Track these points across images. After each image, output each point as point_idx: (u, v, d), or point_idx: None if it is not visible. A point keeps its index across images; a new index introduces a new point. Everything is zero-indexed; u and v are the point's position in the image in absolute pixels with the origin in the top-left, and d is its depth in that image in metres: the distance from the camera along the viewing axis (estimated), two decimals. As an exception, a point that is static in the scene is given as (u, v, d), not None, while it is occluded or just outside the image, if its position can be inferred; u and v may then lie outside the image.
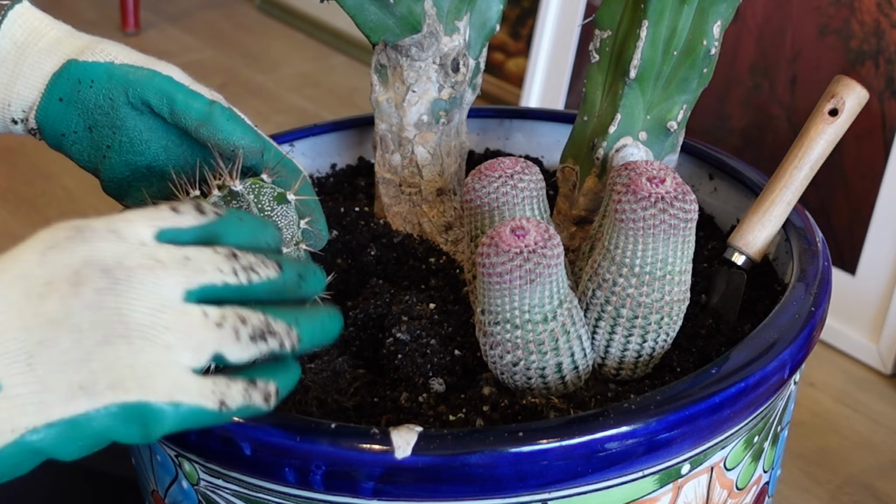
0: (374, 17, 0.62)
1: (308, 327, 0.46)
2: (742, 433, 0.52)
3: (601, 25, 0.61)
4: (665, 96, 0.60)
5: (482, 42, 0.66)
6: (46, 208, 1.36)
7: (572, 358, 0.51)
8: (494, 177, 0.54)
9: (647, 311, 0.52)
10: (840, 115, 0.61)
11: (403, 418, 0.51)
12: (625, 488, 0.48)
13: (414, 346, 0.55)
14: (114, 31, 1.91)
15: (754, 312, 0.60)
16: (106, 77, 0.57)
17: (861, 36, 1.04)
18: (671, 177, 0.51)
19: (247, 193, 0.54)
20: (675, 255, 0.51)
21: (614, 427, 0.45)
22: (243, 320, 0.43)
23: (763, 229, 0.62)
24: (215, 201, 0.54)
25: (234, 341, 0.42)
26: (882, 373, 1.02)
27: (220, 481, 0.50)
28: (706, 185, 0.72)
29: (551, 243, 0.48)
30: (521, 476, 0.45)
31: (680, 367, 0.55)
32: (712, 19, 0.58)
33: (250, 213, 0.54)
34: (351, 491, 0.46)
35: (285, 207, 0.55)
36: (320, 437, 0.45)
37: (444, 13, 0.63)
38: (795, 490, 0.87)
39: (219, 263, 0.43)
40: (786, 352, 0.51)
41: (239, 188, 0.54)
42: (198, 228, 0.44)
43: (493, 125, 0.80)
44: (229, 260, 0.43)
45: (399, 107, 0.65)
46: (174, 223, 0.44)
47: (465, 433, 0.45)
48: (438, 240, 0.67)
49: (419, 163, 0.66)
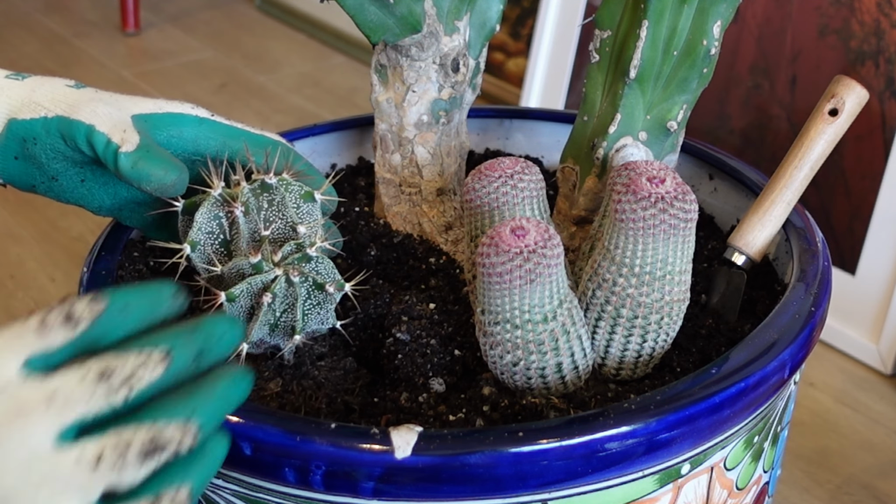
0: (374, 17, 0.62)
1: (208, 411, 0.41)
2: (742, 433, 0.52)
3: (601, 25, 0.61)
4: (665, 96, 0.60)
5: (482, 42, 0.66)
6: (46, 208, 1.36)
7: (572, 358, 0.51)
8: (494, 177, 0.54)
9: (647, 311, 0.52)
10: (840, 115, 0.61)
11: (403, 418, 0.51)
12: (625, 488, 0.48)
13: (414, 346, 0.55)
14: (114, 31, 1.91)
15: (754, 312, 0.60)
16: (44, 133, 0.56)
17: (861, 36, 1.04)
18: (671, 177, 0.51)
19: (280, 188, 0.54)
20: (675, 255, 0.51)
21: (614, 427, 0.45)
22: (127, 444, 0.39)
23: (763, 229, 0.62)
24: (246, 193, 0.53)
25: (122, 470, 0.38)
26: (882, 373, 1.02)
27: (220, 481, 0.50)
28: (706, 185, 0.72)
29: (551, 243, 0.48)
30: (521, 476, 0.45)
31: (680, 367, 0.55)
32: (712, 19, 0.58)
33: (284, 207, 0.53)
34: (351, 491, 0.46)
35: (311, 206, 0.55)
36: (320, 437, 0.45)
37: (444, 13, 0.63)
38: (795, 490, 0.87)
39: (87, 391, 0.39)
40: (786, 352, 0.51)
41: (273, 181, 0.53)
42: (71, 343, 0.40)
43: (493, 125, 0.80)
44: (99, 382, 0.39)
45: (399, 107, 0.65)
46: (42, 346, 0.39)
47: (465, 433, 0.45)
48: (438, 240, 0.67)
49: (419, 163, 0.66)
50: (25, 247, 1.25)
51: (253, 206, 0.54)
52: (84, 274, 0.59)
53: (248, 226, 0.53)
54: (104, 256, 0.60)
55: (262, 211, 0.54)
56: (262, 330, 0.53)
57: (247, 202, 0.53)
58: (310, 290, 0.53)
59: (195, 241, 0.53)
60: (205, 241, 0.54)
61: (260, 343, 0.54)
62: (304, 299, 0.53)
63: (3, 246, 1.27)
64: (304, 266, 0.53)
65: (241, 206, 0.53)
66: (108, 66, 1.82)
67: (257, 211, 0.54)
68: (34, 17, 2.02)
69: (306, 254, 0.52)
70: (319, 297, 0.53)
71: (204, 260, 0.54)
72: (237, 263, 0.52)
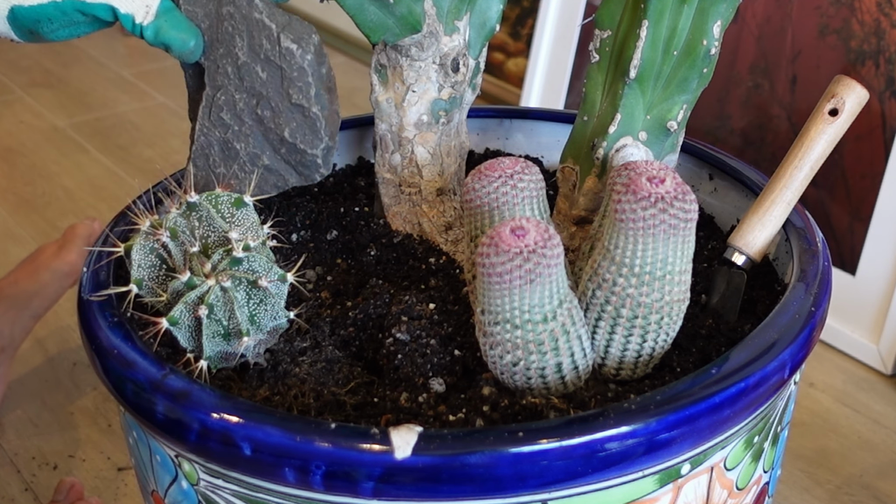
0: (373, 17, 0.62)
1: None
2: (742, 433, 0.52)
3: (601, 25, 0.61)
4: (665, 96, 0.60)
5: (482, 42, 0.66)
6: (46, 208, 1.36)
7: (572, 358, 0.51)
8: (494, 177, 0.54)
9: (646, 311, 0.52)
10: (840, 115, 0.61)
11: (403, 418, 0.51)
12: (625, 488, 0.48)
13: (414, 346, 0.55)
14: (113, 31, 1.91)
15: (754, 312, 0.60)
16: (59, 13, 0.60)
17: (861, 36, 1.04)
18: (671, 177, 0.51)
19: (204, 202, 0.54)
20: (675, 255, 0.51)
21: (614, 427, 0.45)
22: None
23: (763, 229, 0.62)
24: (172, 217, 0.54)
25: None
26: (882, 373, 1.02)
27: (219, 481, 0.50)
28: (706, 185, 0.72)
29: (551, 243, 0.48)
30: (521, 476, 0.45)
31: (680, 367, 0.54)
32: (712, 19, 0.58)
33: (212, 219, 0.54)
34: (351, 491, 0.46)
35: (245, 211, 0.55)
36: (320, 437, 0.45)
37: (444, 13, 0.63)
38: (795, 490, 0.87)
39: None
40: (786, 352, 0.51)
41: (195, 199, 0.54)
42: None
43: (493, 125, 0.80)
44: None
45: (399, 107, 0.65)
46: None
47: (465, 433, 0.45)
48: (438, 240, 0.67)
49: (419, 163, 0.66)
50: (25, 247, 1.25)
51: (183, 227, 0.54)
52: (84, 274, 0.59)
53: (179, 248, 0.54)
54: (104, 257, 0.60)
55: (196, 230, 0.54)
56: (214, 342, 0.53)
57: (173, 226, 0.54)
58: (248, 291, 0.53)
59: (139, 279, 0.54)
60: (148, 276, 0.54)
61: (226, 356, 0.54)
62: (244, 301, 0.53)
63: (3, 246, 1.27)
64: (236, 269, 0.53)
65: (167, 231, 0.53)
66: (107, 65, 1.82)
67: (190, 231, 0.54)
68: (34, 17, 2.01)
69: (234, 257, 0.53)
70: (260, 294, 0.54)
71: (152, 294, 0.54)
72: (172, 286, 0.53)
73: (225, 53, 0.62)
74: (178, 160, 1.46)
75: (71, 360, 1.05)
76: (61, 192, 1.40)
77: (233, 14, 0.61)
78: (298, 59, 0.61)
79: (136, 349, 0.52)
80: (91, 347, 0.54)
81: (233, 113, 0.62)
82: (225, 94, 0.62)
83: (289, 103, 0.62)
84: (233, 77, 0.62)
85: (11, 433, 0.95)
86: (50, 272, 0.98)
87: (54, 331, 1.09)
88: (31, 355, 1.06)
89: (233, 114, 0.62)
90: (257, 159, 0.63)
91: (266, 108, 0.62)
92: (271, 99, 0.62)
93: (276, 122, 0.62)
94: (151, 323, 0.53)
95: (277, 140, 0.63)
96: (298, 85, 0.61)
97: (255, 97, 0.62)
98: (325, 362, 0.55)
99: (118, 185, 1.41)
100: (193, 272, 0.53)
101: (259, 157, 0.63)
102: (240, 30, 0.61)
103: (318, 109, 0.62)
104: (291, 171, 0.64)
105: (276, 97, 0.62)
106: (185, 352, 0.53)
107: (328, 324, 0.58)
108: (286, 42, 0.61)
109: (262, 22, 0.61)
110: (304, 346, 0.56)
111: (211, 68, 0.62)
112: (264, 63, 0.61)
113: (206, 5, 0.62)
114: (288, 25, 0.62)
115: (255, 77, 0.62)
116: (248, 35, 0.61)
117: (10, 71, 1.79)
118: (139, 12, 0.59)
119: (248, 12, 0.61)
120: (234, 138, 0.63)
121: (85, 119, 1.62)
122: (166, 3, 0.60)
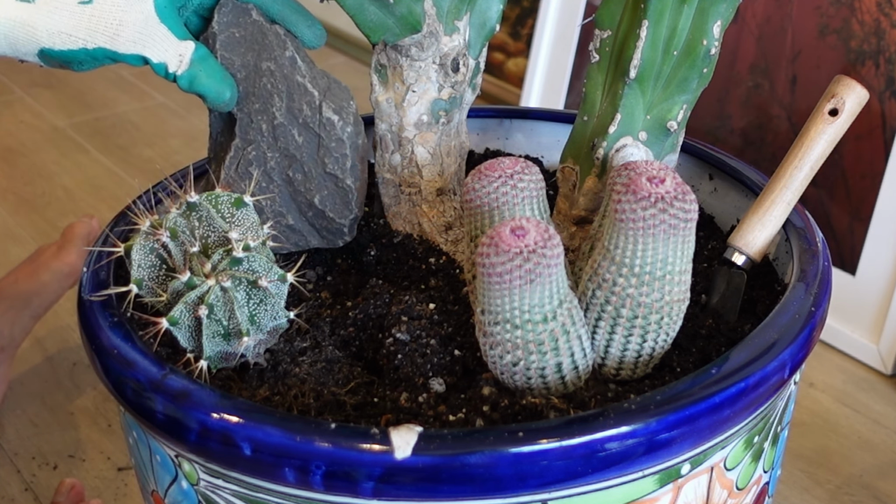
0: (373, 16, 0.62)
1: None
2: (742, 433, 0.52)
3: (601, 25, 0.61)
4: (665, 96, 0.60)
5: (482, 42, 0.66)
6: (46, 208, 1.36)
7: (572, 358, 0.51)
8: (494, 177, 0.54)
9: (646, 311, 0.52)
10: (840, 115, 0.61)
11: (403, 418, 0.51)
12: (625, 488, 0.48)
13: (414, 346, 0.55)
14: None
15: (754, 312, 0.60)
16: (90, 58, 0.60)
17: (861, 36, 1.04)
18: (671, 177, 0.51)
19: (204, 203, 0.54)
20: (675, 255, 0.51)
21: (614, 427, 0.45)
22: None
23: (763, 229, 0.62)
24: (172, 217, 0.54)
25: None
26: (882, 373, 1.02)
27: (219, 481, 0.50)
28: (706, 185, 0.72)
29: (551, 243, 0.48)
30: (521, 476, 0.45)
31: (680, 367, 0.54)
32: (712, 19, 0.58)
33: (212, 219, 0.54)
34: (351, 491, 0.46)
35: (245, 211, 0.55)
36: (320, 437, 0.45)
37: (444, 13, 0.63)
38: (795, 490, 0.87)
39: None
40: (786, 352, 0.51)
41: (195, 199, 0.54)
42: None
43: (493, 125, 0.80)
44: None
45: (399, 107, 0.65)
46: None
47: (465, 433, 0.45)
48: (438, 240, 0.67)
49: (419, 163, 0.66)
50: (25, 247, 1.25)
51: (183, 227, 0.54)
52: (84, 274, 0.59)
53: (179, 248, 0.54)
54: (104, 256, 0.60)
55: (196, 230, 0.54)
56: (214, 342, 0.53)
57: (173, 227, 0.54)
58: (248, 291, 0.53)
59: (139, 279, 0.54)
60: (148, 276, 0.54)
61: (226, 356, 0.54)
62: (244, 301, 0.53)
63: (3, 246, 1.27)
64: (236, 269, 0.53)
65: (167, 231, 0.53)
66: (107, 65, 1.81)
67: (190, 231, 0.54)
68: (34, 17, 2.01)
69: (234, 257, 0.53)
70: (260, 294, 0.54)
71: (152, 294, 0.54)
72: (172, 286, 0.53)
73: (261, 109, 0.61)
74: (178, 160, 1.46)
75: (71, 360, 1.05)
76: (61, 192, 1.40)
77: (273, 71, 0.60)
78: (338, 130, 0.60)
79: (136, 349, 0.52)
80: (91, 347, 0.54)
81: (262, 170, 0.61)
82: (256, 149, 0.61)
83: (322, 171, 0.61)
84: (266, 135, 0.61)
85: (11, 433, 0.95)
86: (50, 272, 0.99)
87: (54, 331, 1.09)
88: (31, 355, 1.06)
89: (262, 171, 0.62)
90: (282, 218, 0.63)
91: (298, 172, 0.61)
92: (304, 164, 0.61)
93: (306, 186, 0.62)
94: (151, 323, 0.53)
95: (305, 204, 0.62)
96: (335, 156, 0.61)
97: (288, 159, 0.61)
98: (325, 362, 0.55)
99: (118, 185, 1.41)
100: (193, 272, 0.53)
101: (284, 215, 0.63)
102: (279, 89, 0.60)
103: (351, 182, 0.62)
104: (315, 234, 0.64)
105: (309, 163, 0.61)
106: (185, 352, 0.53)
107: (328, 324, 0.58)
108: (327, 112, 0.60)
109: (305, 87, 0.60)
110: (304, 346, 0.56)
111: (244, 121, 0.61)
112: (302, 128, 0.60)
113: (245, 56, 0.61)
114: (328, 91, 0.61)
115: (291, 140, 0.61)
116: (288, 96, 0.60)
117: (10, 71, 1.79)
118: (172, 61, 0.59)
119: (291, 73, 0.60)
120: (261, 194, 0.62)
121: (85, 119, 1.62)
122: (201, 51, 0.59)
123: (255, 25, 0.62)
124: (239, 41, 0.61)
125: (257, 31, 0.61)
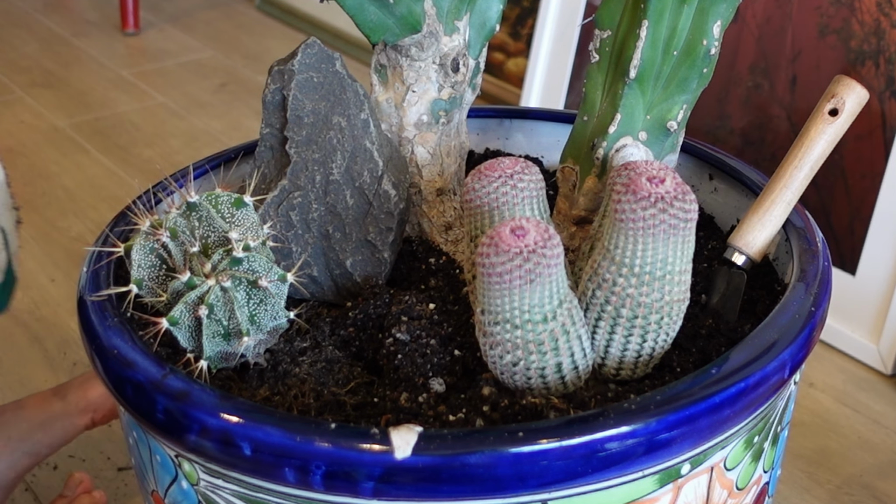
0: (373, 17, 0.62)
1: None
2: (742, 433, 0.52)
3: (601, 25, 0.61)
4: (665, 96, 0.60)
5: (482, 42, 0.66)
6: (46, 208, 1.36)
7: (572, 358, 0.51)
8: (494, 177, 0.54)
9: (646, 311, 0.52)
10: (840, 115, 0.61)
11: (403, 418, 0.51)
12: (625, 488, 0.48)
13: (414, 346, 0.55)
14: (113, 31, 1.91)
15: (754, 312, 0.60)
16: None
17: (861, 36, 1.04)
18: (671, 177, 0.51)
19: (204, 202, 0.54)
20: (675, 255, 0.51)
21: (614, 427, 0.45)
22: None
23: (763, 229, 0.62)
24: (172, 217, 0.54)
25: None
26: (882, 373, 1.02)
27: (219, 481, 0.50)
28: (706, 185, 0.72)
29: (551, 243, 0.48)
30: (521, 476, 0.45)
31: (680, 367, 0.54)
32: (712, 19, 0.58)
33: (212, 219, 0.54)
34: (351, 491, 0.46)
35: (245, 211, 0.55)
36: (320, 437, 0.45)
37: (444, 13, 0.63)
38: (795, 490, 0.87)
39: None
40: (786, 352, 0.51)
41: (195, 199, 0.54)
42: None
43: (493, 125, 0.80)
44: None
45: (399, 107, 0.65)
46: None
47: (465, 433, 0.45)
48: (438, 240, 0.67)
49: (419, 163, 0.66)
50: (25, 247, 1.25)
51: (183, 227, 0.54)
52: (84, 274, 0.59)
53: (179, 248, 0.54)
54: (104, 257, 0.60)
55: (196, 230, 0.54)
56: (215, 342, 0.53)
57: (173, 227, 0.54)
58: (248, 291, 0.53)
59: (139, 279, 0.54)
60: (148, 276, 0.54)
61: (226, 356, 0.54)
62: (244, 301, 0.53)
63: (3, 246, 1.27)
64: (236, 269, 0.53)
65: (167, 231, 0.53)
66: (107, 65, 1.82)
67: (190, 231, 0.54)
68: (34, 16, 2.02)
69: (234, 257, 0.53)
70: (260, 294, 0.54)
71: (152, 294, 0.54)
72: (172, 286, 0.53)
73: (320, 160, 0.60)
74: (178, 160, 1.46)
75: (71, 360, 1.05)
76: (61, 192, 1.40)
77: (343, 128, 0.59)
78: (392, 205, 0.60)
79: (136, 349, 0.52)
80: (91, 347, 0.54)
81: (302, 218, 0.61)
82: (303, 197, 0.60)
83: (363, 238, 0.60)
84: (318, 187, 0.60)
85: (11, 433, 0.95)
86: (64, 403, 0.81)
87: (54, 331, 1.09)
88: (32, 355, 1.06)
89: (302, 219, 0.61)
90: (307, 267, 0.62)
91: (338, 231, 0.61)
92: (347, 225, 0.60)
93: (342, 246, 0.61)
94: (151, 323, 0.53)
95: (335, 262, 0.61)
96: (381, 227, 0.60)
97: (333, 216, 0.60)
98: (325, 362, 0.55)
99: (118, 185, 1.41)
100: (193, 272, 0.53)
101: (311, 266, 0.62)
102: (344, 147, 0.59)
103: (388, 255, 0.61)
104: (334, 290, 0.63)
105: (353, 226, 0.60)
106: (185, 352, 0.53)
107: (328, 324, 0.58)
108: (387, 185, 0.60)
109: (371, 154, 0.60)
110: (304, 346, 0.56)
111: (298, 164, 0.60)
112: (356, 191, 0.60)
113: (318, 102, 0.60)
114: (390, 161, 0.60)
115: (341, 199, 0.60)
116: (351, 157, 0.60)
117: (10, 71, 1.79)
118: None
119: (360, 136, 0.60)
120: (294, 240, 0.61)
121: (85, 119, 1.62)
122: None
123: (337, 77, 0.61)
124: (316, 87, 0.60)
125: (337, 83, 0.61)
